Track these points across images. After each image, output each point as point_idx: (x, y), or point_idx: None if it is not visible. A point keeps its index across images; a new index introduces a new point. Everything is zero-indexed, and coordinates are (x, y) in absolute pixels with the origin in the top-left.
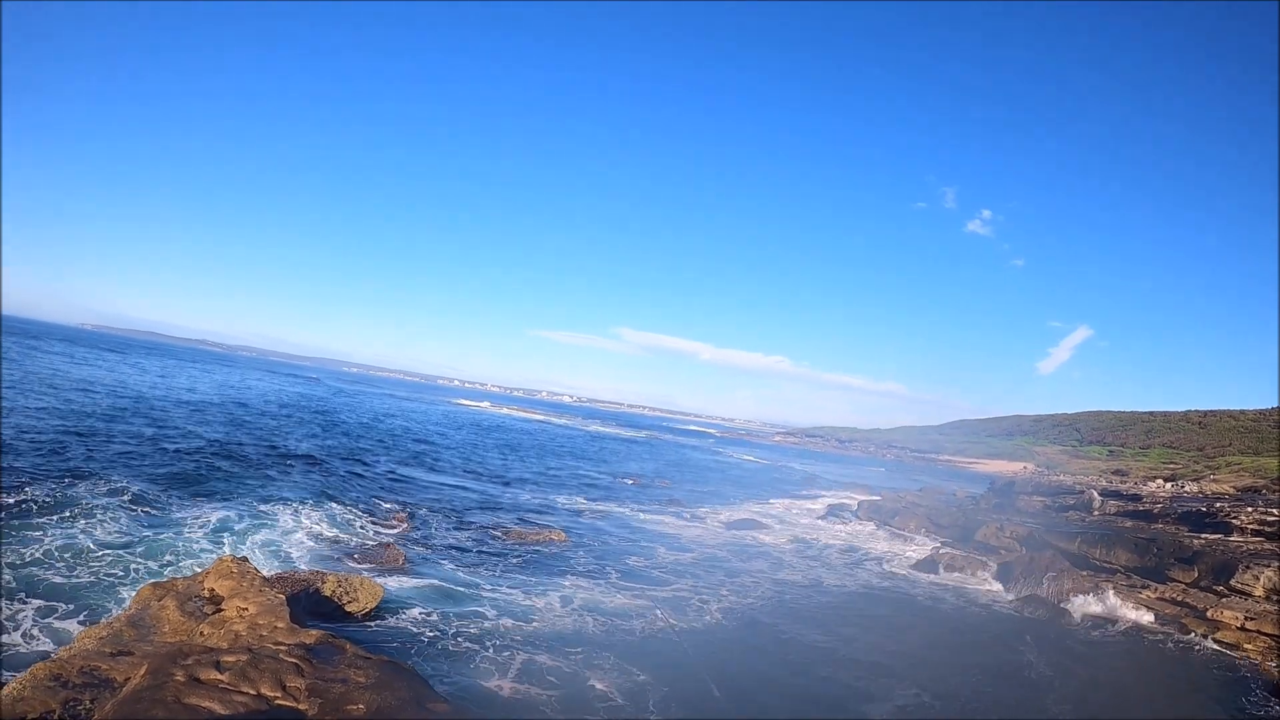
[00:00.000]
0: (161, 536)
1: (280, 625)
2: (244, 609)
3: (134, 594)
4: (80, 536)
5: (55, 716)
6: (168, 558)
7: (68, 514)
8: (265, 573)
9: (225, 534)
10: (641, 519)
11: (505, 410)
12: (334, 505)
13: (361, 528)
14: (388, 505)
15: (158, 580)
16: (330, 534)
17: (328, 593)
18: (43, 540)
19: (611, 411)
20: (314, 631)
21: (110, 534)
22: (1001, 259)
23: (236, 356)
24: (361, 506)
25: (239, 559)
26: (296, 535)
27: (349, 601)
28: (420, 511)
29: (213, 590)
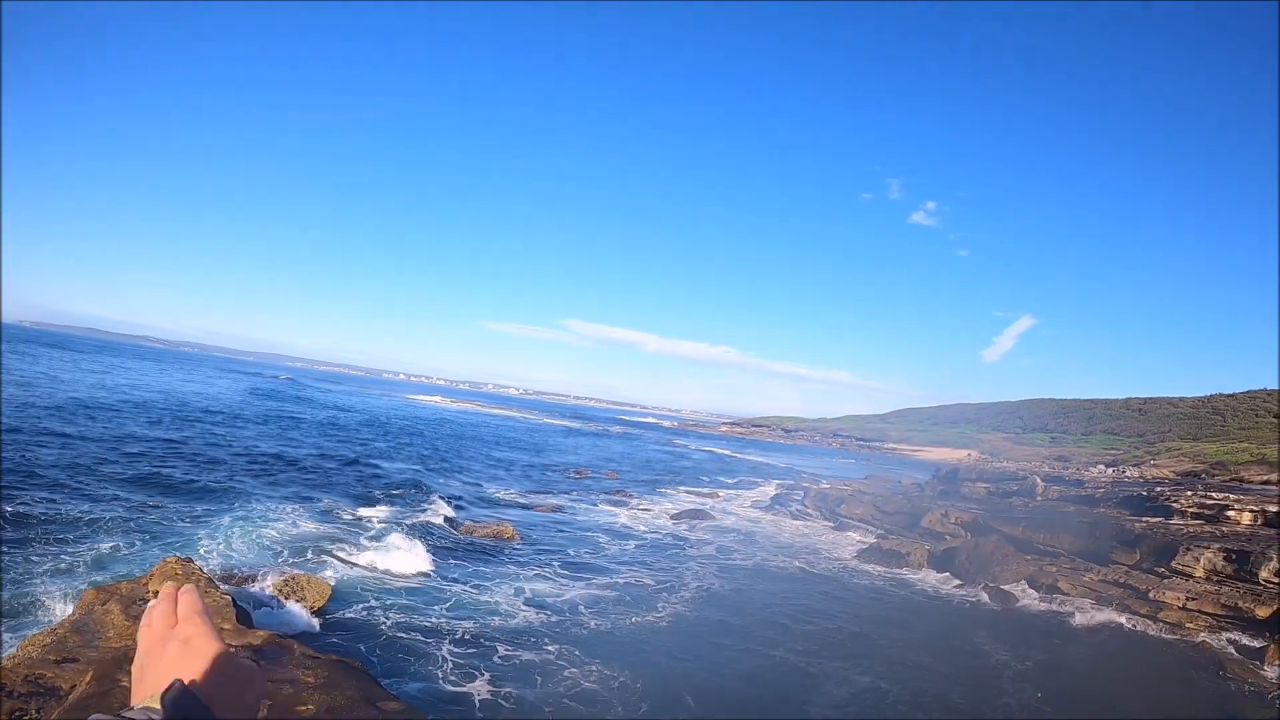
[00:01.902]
0: (120, 538)
1: (226, 626)
2: None
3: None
4: (56, 538)
5: None
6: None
7: (42, 517)
8: (210, 572)
9: (180, 537)
10: (590, 510)
11: (457, 404)
12: (287, 504)
13: (312, 524)
14: (340, 501)
15: (100, 584)
16: (281, 531)
17: (274, 591)
18: (17, 546)
19: (559, 404)
20: (261, 632)
21: (83, 537)
22: (947, 249)
23: (180, 353)
24: (312, 503)
25: (183, 559)
26: (252, 533)
27: (296, 599)
28: (372, 507)
29: (157, 593)
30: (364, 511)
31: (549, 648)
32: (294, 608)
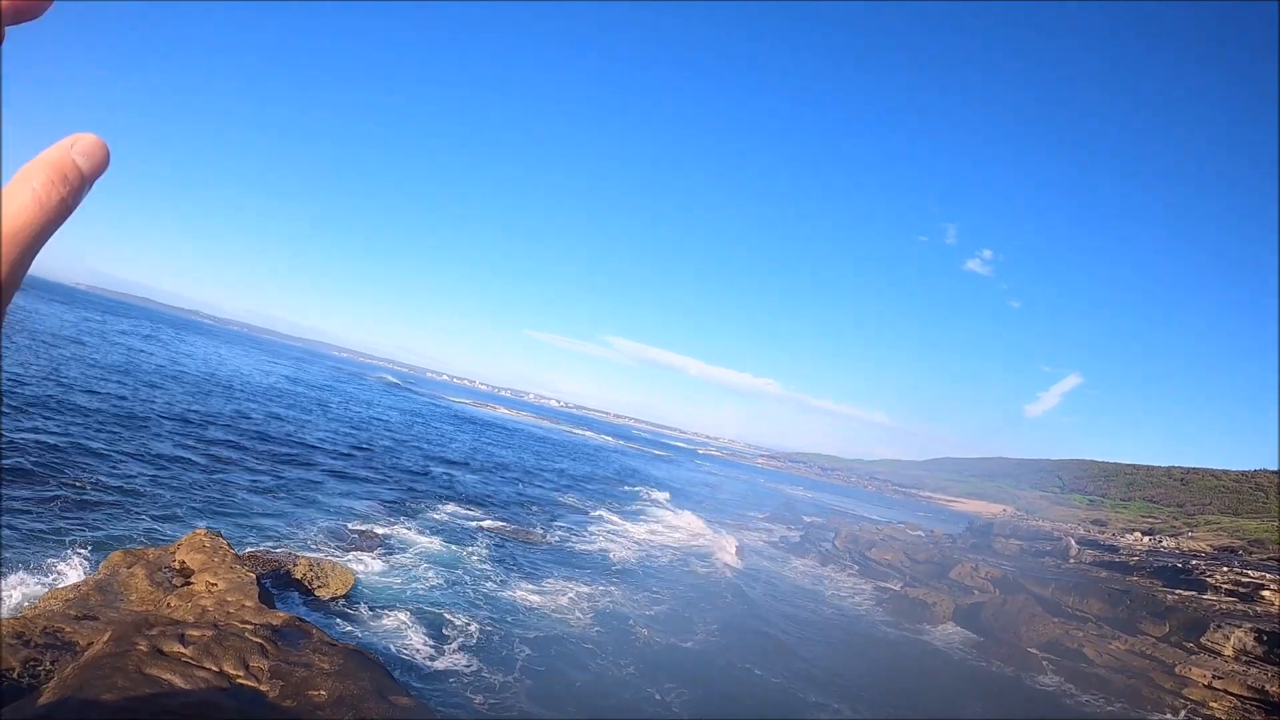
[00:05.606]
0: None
1: (248, 604)
2: (213, 584)
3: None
4: (129, 514)
5: (14, 675)
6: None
7: (110, 488)
8: (238, 551)
9: (213, 519)
10: (628, 530)
11: (500, 410)
12: (335, 497)
13: (351, 515)
14: (385, 496)
15: (129, 547)
16: (324, 521)
17: (298, 575)
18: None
19: (600, 420)
20: (281, 614)
21: (140, 512)
22: (999, 299)
23: (231, 332)
24: (358, 496)
25: (212, 533)
26: (296, 522)
27: (319, 586)
28: (410, 505)
29: (183, 563)
30: (403, 508)
31: (571, 647)
32: (317, 593)
